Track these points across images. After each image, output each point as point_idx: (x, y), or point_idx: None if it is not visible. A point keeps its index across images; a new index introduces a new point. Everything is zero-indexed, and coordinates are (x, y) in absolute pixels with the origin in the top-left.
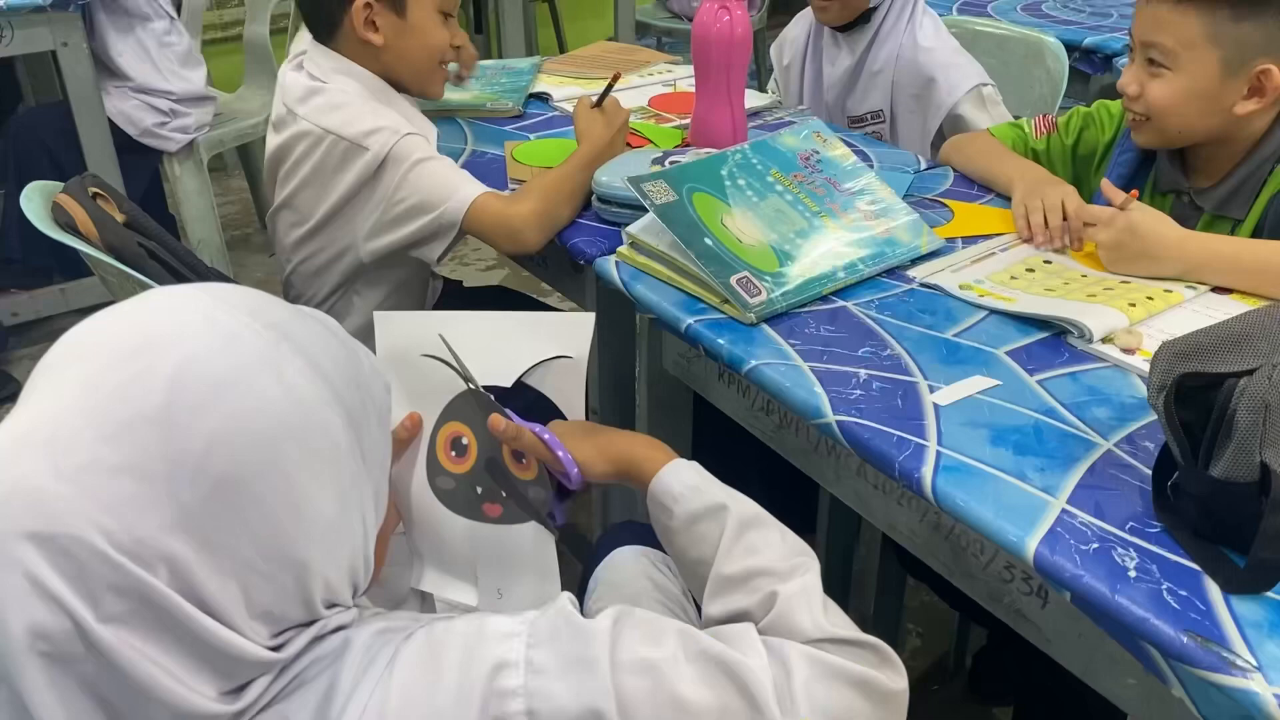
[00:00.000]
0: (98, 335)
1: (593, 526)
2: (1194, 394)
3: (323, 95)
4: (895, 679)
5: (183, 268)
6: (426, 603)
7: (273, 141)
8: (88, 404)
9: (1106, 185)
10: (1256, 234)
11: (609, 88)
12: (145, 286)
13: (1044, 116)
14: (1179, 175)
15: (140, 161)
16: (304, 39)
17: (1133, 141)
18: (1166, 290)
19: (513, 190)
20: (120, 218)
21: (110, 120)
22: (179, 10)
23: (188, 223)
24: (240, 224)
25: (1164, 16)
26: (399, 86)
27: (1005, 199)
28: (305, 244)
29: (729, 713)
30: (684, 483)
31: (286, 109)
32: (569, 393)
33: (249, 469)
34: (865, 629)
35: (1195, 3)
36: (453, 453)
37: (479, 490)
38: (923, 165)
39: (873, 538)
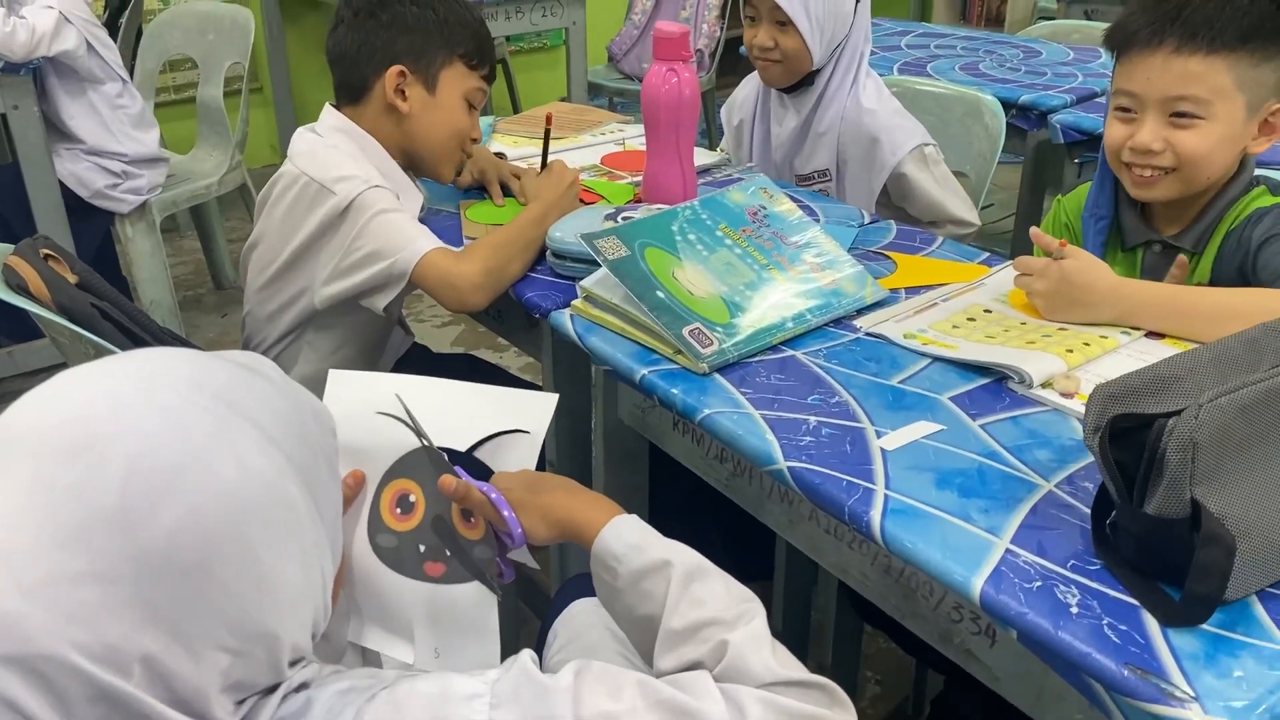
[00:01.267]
0: (35, 431)
1: (550, 580)
2: (1127, 435)
3: (311, 144)
4: (845, 717)
5: (136, 328)
6: (368, 656)
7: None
8: (39, 511)
9: (1036, 233)
10: (1215, 269)
11: (546, 145)
12: (98, 347)
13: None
14: (1145, 227)
15: (92, 223)
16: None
17: (1101, 208)
18: (1103, 336)
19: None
20: (72, 279)
21: (61, 182)
22: (131, 73)
23: (140, 284)
24: (193, 285)
25: (1194, 69)
26: (411, 160)
27: (947, 252)
28: (268, 286)
29: None
30: (625, 542)
31: (287, 157)
32: (520, 467)
33: (213, 555)
34: (824, 677)
35: (1223, 51)
36: (398, 510)
37: (422, 549)
38: (866, 219)
39: (829, 585)
